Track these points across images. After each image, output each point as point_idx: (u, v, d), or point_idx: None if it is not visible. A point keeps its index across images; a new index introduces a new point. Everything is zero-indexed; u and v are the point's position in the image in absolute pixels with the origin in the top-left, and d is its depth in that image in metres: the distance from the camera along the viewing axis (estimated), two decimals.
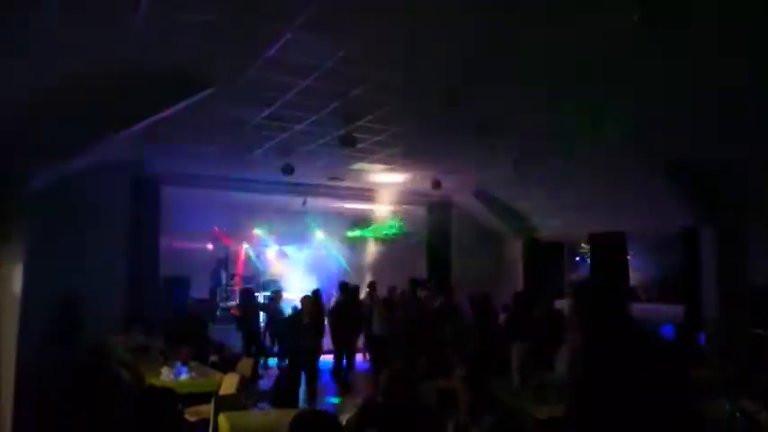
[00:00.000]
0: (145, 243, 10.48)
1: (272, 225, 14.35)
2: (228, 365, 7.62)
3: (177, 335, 8.42)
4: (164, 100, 6.11)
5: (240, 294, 12.33)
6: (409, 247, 14.22)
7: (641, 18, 4.10)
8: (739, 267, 9.43)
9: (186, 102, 6.11)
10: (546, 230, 13.62)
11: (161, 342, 8.40)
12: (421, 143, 8.45)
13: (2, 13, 4.13)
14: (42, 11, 4.20)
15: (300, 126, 7.48)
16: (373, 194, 12.66)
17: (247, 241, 14.52)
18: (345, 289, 10.83)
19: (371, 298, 11.64)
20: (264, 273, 14.77)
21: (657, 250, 11.55)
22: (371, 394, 4.06)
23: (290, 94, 6.25)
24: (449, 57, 5.26)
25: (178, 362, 6.92)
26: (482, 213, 13.60)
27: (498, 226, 13.84)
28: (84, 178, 8.82)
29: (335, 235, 15.20)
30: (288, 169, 8.93)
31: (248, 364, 7.63)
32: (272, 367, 11.29)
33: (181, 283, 11.67)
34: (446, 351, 8.67)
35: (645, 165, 8.81)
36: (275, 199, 12.42)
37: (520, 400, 5.50)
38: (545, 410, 4.94)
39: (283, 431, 2.91)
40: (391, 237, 14.54)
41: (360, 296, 11.38)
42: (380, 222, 14.71)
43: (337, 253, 15.29)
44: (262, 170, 10.22)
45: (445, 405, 4.30)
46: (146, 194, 10.59)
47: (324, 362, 9.81)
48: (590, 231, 12.23)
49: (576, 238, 13.14)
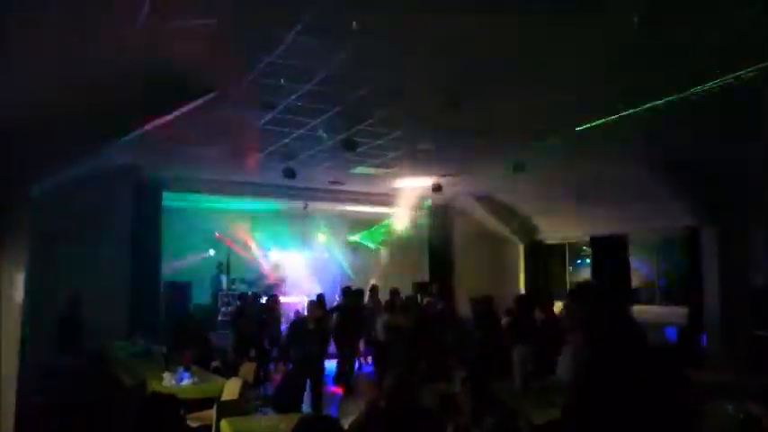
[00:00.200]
0: (146, 248, 10.48)
1: (274, 229, 14.33)
2: (231, 370, 7.61)
3: (179, 340, 8.41)
4: (165, 105, 6.12)
5: (238, 298, 12.27)
6: (411, 251, 14.22)
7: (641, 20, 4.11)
8: (740, 268, 9.41)
9: (187, 107, 6.12)
10: (547, 233, 13.63)
11: (163, 347, 8.39)
12: (421, 147, 8.44)
13: (2, 19, 4.13)
14: (42, 16, 4.20)
15: (301, 130, 7.49)
16: (375, 198, 12.66)
17: (249, 245, 14.49)
18: (348, 293, 10.82)
19: (373, 302, 11.62)
20: (266, 277, 14.74)
21: (659, 252, 11.52)
22: (374, 398, 4.06)
23: (291, 99, 6.26)
24: (449, 60, 5.27)
25: (180, 367, 6.90)
26: (483, 216, 13.61)
27: (500, 229, 13.84)
28: (85, 184, 8.83)
29: (337, 238, 15.18)
30: (289, 173, 8.95)
31: (251, 369, 7.61)
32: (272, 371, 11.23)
33: (182, 288, 11.66)
34: (447, 355, 8.65)
35: (645, 165, 8.80)
36: (276, 203, 12.42)
37: (521, 404, 5.49)
38: (547, 414, 4.92)
39: None
40: (393, 240, 14.53)
41: (363, 300, 11.36)
42: (382, 225, 14.70)
43: (339, 256, 15.27)
44: (263, 174, 10.24)
45: (446, 409, 4.30)
46: (147, 199, 10.59)
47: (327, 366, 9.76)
48: (591, 234, 12.24)
49: (578, 241, 13.14)
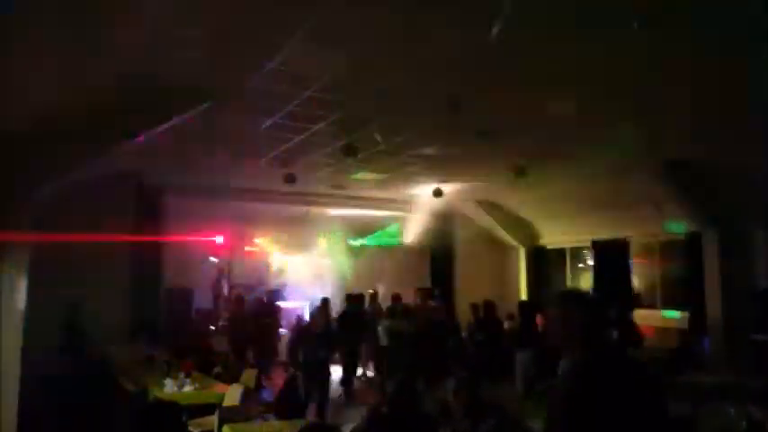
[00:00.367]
0: (147, 254, 10.49)
1: (275, 234, 14.33)
2: (232, 376, 7.60)
3: (181, 346, 8.41)
4: (166, 112, 6.14)
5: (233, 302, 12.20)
6: (412, 256, 14.22)
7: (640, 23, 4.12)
8: (742, 271, 9.40)
9: (188, 113, 6.13)
10: (548, 237, 13.63)
11: (165, 353, 8.38)
12: (422, 152, 8.45)
13: (4, 29, 4.15)
14: (44, 24, 4.22)
15: (302, 136, 7.50)
16: (376, 203, 12.66)
17: (250, 251, 14.47)
18: (350, 298, 10.82)
19: (374, 307, 11.61)
20: (267, 282, 14.71)
21: (660, 255, 11.50)
22: (377, 404, 4.07)
23: (292, 105, 6.27)
24: (449, 65, 5.28)
25: (182, 373, 6.90)
26: (485, 221, 13.61)
27: (501, 234, 13.84)
28: (86, 189, 8.84)
29: (338, 243, 15.17)
30: (290, 178, 8.96)
31: (252, 376, 7.61)
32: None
33: (184, 294, 11.64)
34: (447, 362, 8.65)
35: (645, 167, 8.80)
36: (277, 208, 12.42)
37: (521, 408, 5.49)
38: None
39: None
40: (394, 245, 14.52)
41: (363, 305, 11.35)
42: (384, 230, 14.70)
43: (340, 261, 15.25)
44: (264, 179, 10.25)
45: (444, 414, 4.30)
46: (148, 205, 10.62)
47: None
48: (592, 238, 12.24)
49: (579, 245, 13.14)
